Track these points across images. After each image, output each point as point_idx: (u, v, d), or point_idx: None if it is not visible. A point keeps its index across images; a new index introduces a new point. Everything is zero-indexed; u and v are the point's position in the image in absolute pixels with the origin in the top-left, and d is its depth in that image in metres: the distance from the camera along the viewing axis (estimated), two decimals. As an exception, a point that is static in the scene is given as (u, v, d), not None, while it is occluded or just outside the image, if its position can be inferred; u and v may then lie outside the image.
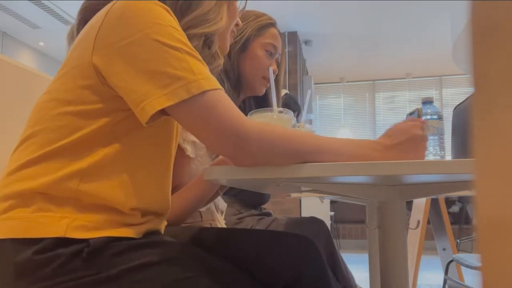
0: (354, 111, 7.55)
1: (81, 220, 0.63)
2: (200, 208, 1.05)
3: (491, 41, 0.20)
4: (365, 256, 1.69)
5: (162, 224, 0.79)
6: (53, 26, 5.24)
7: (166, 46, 0.62)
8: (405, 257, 0.77)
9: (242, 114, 0.64)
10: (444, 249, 2.80)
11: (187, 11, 0.76)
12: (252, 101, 1.32)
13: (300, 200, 4.58)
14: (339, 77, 7.37)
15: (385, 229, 0.77)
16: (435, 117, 1.09)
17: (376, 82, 7.42)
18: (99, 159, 0.65)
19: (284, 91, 2.17)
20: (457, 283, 2.53)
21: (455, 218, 5.24)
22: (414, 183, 0.77)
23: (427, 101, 1.12)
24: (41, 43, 5.89)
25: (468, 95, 1.18)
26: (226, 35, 0.88)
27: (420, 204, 2.61)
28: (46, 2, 4.72)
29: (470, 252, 3.89)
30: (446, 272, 2.47)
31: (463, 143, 1.34)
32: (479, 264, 0.20)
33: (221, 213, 1.17)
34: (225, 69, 1.20)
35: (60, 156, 0.65)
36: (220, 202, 1.16)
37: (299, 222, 1.39)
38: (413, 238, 2.66)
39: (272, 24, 1.27)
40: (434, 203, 2.71)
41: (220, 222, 1.14)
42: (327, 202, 4.33)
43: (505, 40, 0.19)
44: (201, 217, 1.07)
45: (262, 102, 1.30)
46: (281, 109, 0.90)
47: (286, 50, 5.27)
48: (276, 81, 1.24)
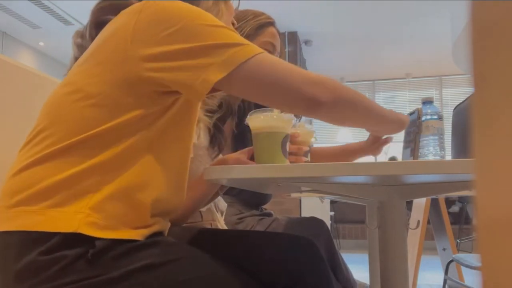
0: (354, 111, 7.54)
1: (94, 217, 0.62)
2: (201, 208, 1.05)
3: (491, 41, 0.20)
4: (365, 256, 1.69)
5: (167, 225, 0.79)
6: (53, 26, 5.24)
7: (211, 26, 0.65)
8: (405, 257, 0.77)
9: (300, 68, 0.68)
10: (444, 249, 2.80)
11: None
12: (252, 102, 1.32)
13: (300, 200, 4.58)
14: (339, 77, 7.37)
15: (385, 229, 0.77)
16: (435, 117, 1.09)
17: (376, 82, 7.42)
18: (121, 155, 0.65)
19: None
20: (457, 283, 2.53)
21: (455, 218, 5.24)
22: (414, 183, 0.77)
23: (427, 101, 1.12)
24: (41, 43, 5.89)
25: (468, 95, 1.18)
26: None
27: (420, 204, 2.61)
28: (46, 2, 4.72)
29: (470, 252, 3.89)
30: (446, 272, 2.46)
31: (463, 143, 1.34)
32: (479, 264, 0.20)
33: (221, 214, 1.17)
34: None
35: (81, 149, 0.64)
36: (220, 202, 1.16)
37: (300, 222, 1.39)
38: (413, 238, 2.66)
39: (271, 23, 1.27)
40: (434, 203, 2.71)
41: (220, 222, 1.14)
42: (327, 202, 4.33)
43: (505, 40, 0.19)
44: (202, 217, 1.07)
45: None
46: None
47: (286, 50, 5.27)
48: None
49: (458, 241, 4.84)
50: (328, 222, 4.18)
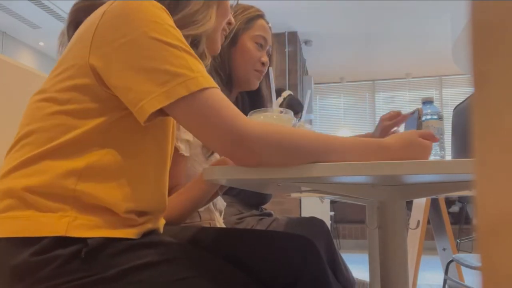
0: (354, 111, 7.55)
1: (82, 219, 0.62)
2: (200, 208, 1.05)
3: (491, 41, 0.20)
4: (365, 256, 1.69)
5: (160, 222, 0.79)
6: (53, 26, 5.23)
7: (164, 44, 0.62)
8: (405, 257, 0.77)
9: (242, 114, 0.64)
10: (444, 249, 2.80)
11: (175, 11, 0.75)
12: (246, 97, 1.31)
13: (300, 200, 4.58)
14: (339, 77, 7.37)
15: (385, 229, 0.77)
16: (435, 117, 1.09)
17: (376, 82, 7.42)
18: (96, 159, 0.65)
19: (288, 92, 2.16)
20: (457, 283, 2.53)
21: (455, 218, 5.24)
22: (414, 183, 0.77)
23: (427, 101, 1.12)
24: (41, 43, 5.89)
25: (468, 95, 1.18)
26: (216, 36, 0.87)
27: (420, 204, 2.61)
28: (46, 2, 4.72)
29: (470, 252, 3.89)
30: (446, 272, 2.46)
31: (463, 143, 1.34)
32: (479, 264, 0.20)
33: (220, 213, 1.16)
34: (215, 67, 1.17)
35: (56, 155, 0.64)
36: (219, 202, 1.16)
37: (299, 222, 1.39)
38: (413, 238, 2.66)
39: (260, 16, 1.24)
40: (434, 203, 2.71)
41: (219, 222, 1.13)
42: (327, 202, 4.33)
43: (505, 40, 0.19)
44: (200, 217, 1.07)
45: (255, 97, 1.28)
46: (281, 109, 0.90)
47: (286, 50, 5.27)
48: (268, 73, 1.23)
49: (458, 241, 4.84)
50: (328, 222, 4.18)
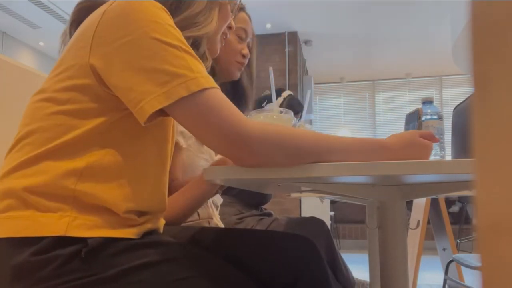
0: (354, 111, 7.55)
1: (82, 219, 0.62)
2: (199, 208, 1.05)
3: (491, 41, 0.20)
4: (365, 256, 1.69)
5: (160, 222, 0.79)
6: (53, 26, 5.24)
7: (164, 44, 0.62)
8: (405, 257, 0.77)
9: (243, 114, 0.64)
10: (444, 249, 2.80)
11: (177, 12, 0.75)
12: (229, 87, 1.32)
13: (300, 200, 4.58)
14: (339, 77, 7.37)
15: (385, 229, 0.77)
16: (435, 117, 1.09)
17: (376, 82, 7.42)
18: (96, 159, 0.65)
19: (288, 92, 2.17)
20: (457, 283, 2.53)
21: (455, 218, 5.24)
22: (414, 183, 0.77)
23: (427, 101, 1.12)
24: (41, 43, 5.89)
25: (468, 95, 1.18)
26: (216, 38, 0.87)
27: (420, 204, 2.61)
28: (46, 2, 4.72)
29: (470, 252, 3.89)
30: (446, 272, 2.47)
31: (463, 143, 1.34)
32: (479, 264, 0.20)
33: (216, 208, 1.17)
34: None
35: (57, 156, 0.64)
36: (215, 197, 1.16)
37: (299, 222, 1.39)
38: (413, 238, 2.66)
39: (241, 9, 1.26)
40: (434, 203, 2.71)
41: (216, 217, 1.14)
42: (327, 202, 4.34)
43: (505, 40, 0.19)
44: (199, 215, 1.08)
45: (238, 87, 1.30)
46: (281, 109, 0.90)
47: (286, 50, 5.27)
48: (249, 65, 1.25)
49: (458, 241, 4.84)
50: (328, 222, 4.19)
